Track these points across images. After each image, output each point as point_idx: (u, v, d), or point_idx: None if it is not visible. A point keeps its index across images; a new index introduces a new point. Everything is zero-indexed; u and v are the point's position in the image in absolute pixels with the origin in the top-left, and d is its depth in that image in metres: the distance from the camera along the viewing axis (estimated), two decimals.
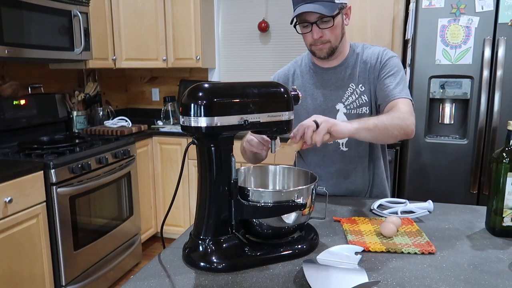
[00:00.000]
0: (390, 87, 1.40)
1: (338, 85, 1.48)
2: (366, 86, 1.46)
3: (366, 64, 1.47)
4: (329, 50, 1.41)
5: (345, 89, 1.47)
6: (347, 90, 1.47)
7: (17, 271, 1.99)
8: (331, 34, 1.38)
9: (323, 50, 1.41)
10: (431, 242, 1.08)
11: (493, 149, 2.28)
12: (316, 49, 1.42)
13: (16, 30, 2.24)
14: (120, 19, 3.13)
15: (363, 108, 1.47)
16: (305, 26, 1.38)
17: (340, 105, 1.48)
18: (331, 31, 1.37)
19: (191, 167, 3.13)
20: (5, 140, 2.52)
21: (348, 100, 1.47)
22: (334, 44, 1.41)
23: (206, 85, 0.93)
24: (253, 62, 3.54)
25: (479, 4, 2.24)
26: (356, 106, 1.47)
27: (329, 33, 1.37)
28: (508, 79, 2.24)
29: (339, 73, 1.48)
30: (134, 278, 0.92)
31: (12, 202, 1.93)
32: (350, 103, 1.47)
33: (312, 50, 1.44)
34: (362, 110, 1.47)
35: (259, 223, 1.00)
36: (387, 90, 1.40)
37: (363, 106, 1.47)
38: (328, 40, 1.38)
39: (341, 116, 1.47)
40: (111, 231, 2.62)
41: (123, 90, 3.91)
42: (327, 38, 1.38)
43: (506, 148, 1.10)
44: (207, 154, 0.95)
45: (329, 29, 1.36)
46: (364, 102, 1.47)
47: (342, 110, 1.48)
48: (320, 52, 1.42)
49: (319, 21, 1.34)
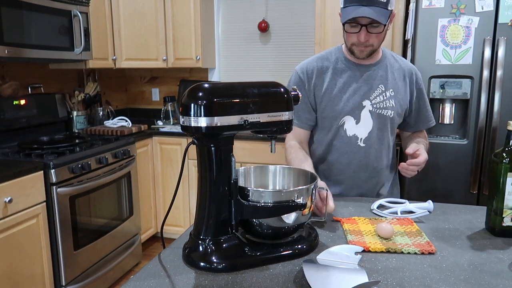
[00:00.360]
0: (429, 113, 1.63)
1: (369, 83, 1.51)
2: (398, 94, 1.52)
3: (400, 74, 1.54)
4: (370, 52, 1.45)
5: (374, 88, 1.50)
6: (376, 89, 1.50)
7: (17, 271, 1.99)
8: (376, 39, 1.41)
9: (364, 52, 1.44)
10: (431, 242, 1.08)
11: (493, 149, 2.28)
12: (358, 49, 1.44)
13: (16, 30, 2.24)
14: (120, 19, 3.13)
15: (388, 111, 1.51)
16: (353, 26, 1.38)
17: (367, 102, 1.50)
18: (377, 36, 1.40)
19: (191, 167, 3.13)
20: (5, 140, 2.52)
21: (375, 99, 1.50)
22: (376, 47, 1.44)
23: (206, 85, 0.93)
24: (253, 62, 3.53)
25: (479, 4, 2.24)
26: (382, 107, 1.51)
27: (375, 37, 1.40)
28: (508, 79, 2.24)
29: (372, 72, 1.51)
30: (134, 278, 0.92)
31: (12, 202, 1.93)
32: (377, 103, 1.50)
33: (353, 49, 1.45)
34: (387, 112, 1.51)
35: (259, 223, 1.00)
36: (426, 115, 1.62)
37: (388, 109, 1.51)
38: (372, 44, 1.41)
39: (366, 113, 1.50)
40: (111, 231, 2.62)
41: (123, 90, 3.91)
42: (372, 42, 1.41)
43: (506, 148, 1.10)
44: (207, 154, 0.95)
45: (376, 34, 1.39)
46: (390, 106, 1.51)
47: (368, 107, 1.50)
48: (360, 54, 1.45)
49: (370, 25, 1.36)
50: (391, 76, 1.52)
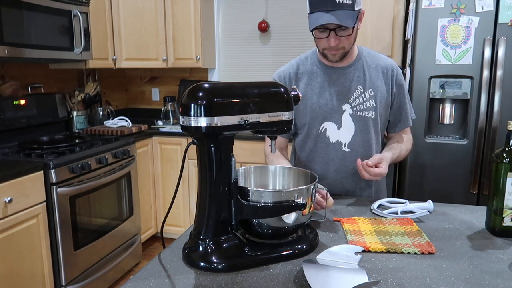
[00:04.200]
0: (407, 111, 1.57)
1: (346, 86, 1.49)
2: (378, 92, 1.49)
3: (378, 72, 1.50)
4: (342, 55, 1.43)
5: (352, 90, 1.49)
6: (354, 92, 1.49)
7: (17, 271, 1.99)
8: (346, 41, 1.39)
9: (336, 55, 1.43)
10: (431, 242, 1.08)
11: (493, 149, 2.28)
12: (330, 53, 1.43)
13: (16, 30, 2.24)
14: (120, 19, 3.13)
15: (369, 112, 1.49)
16: (322, 31, 1.38)
17: (347, 105, 1.49)
18: (347, 38, 1.38)
19: (191, 167, 3.13)
20: (5, 140, 2.52)
21: (354, 102, 1.49)
22: (347, 49, 1.43)
23: (206, 85, 0.93)
24: (253, 62, 3.54)
25: (479, 4, 2.24)
26: (362, 109, 1.49)
27: (346, 40, 1.39)
28: (508, 79, 2.24)
29: (348, 74, 1.49)
30: (134, 278, 0.92)
31: (12, 202, 1.93)
32: (357, 105, 1.48)
33: (325, 53, 1.44)
34: (368, 113, 1.49)
35: (259, 223, 1.00)
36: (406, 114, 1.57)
37: (369, 110, 1.49)
38: (343, 46, 1.40)
39: (347, 116, 1.49)
40: (111, 231, 2.62)
41: (123, 90, 3.91)
42: (343, 44, 1.40)
43: (506, 148, 1.10)
44: (207, 154, 0.95)
45: (346, 36, 1.37)
46: (371, 107, 1.49)
47: (348, 111, 1.49)
48: (333, 57, 1.44)
49: (338, 29, 1.35)
50: (369, 75, 1.49)
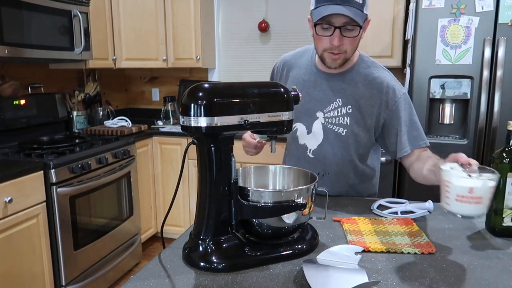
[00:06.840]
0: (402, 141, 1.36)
1: (327, 94, 1.39)
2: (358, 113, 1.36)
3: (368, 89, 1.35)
4: (342, 61, 1.31)
5: (331, 101, 1.39)
6: (332, 103, 1.39)
7: (17, 271, 1.99)
8: (350, 45, 1.27)
9: (336, 61, 1.31)
10: (431, 242, 1.08)
11: (493, 149, 2.28)
12: (330, 56, 1.30)
13: (16, 30, 2.24)
14: (120, 19, 3.13)
15: (340, 128, 1.38)
16: (326, 28, 1.24)
17: (320, 113, 1.41)
18: (351, 41, 1.26)
19: (191, 167, 3.13)
20: (5, 140, 2.52)
21: (328, 114, 1.39)
22: (348, 56, 1.31)
23: (206, 85, 0.93)
24: (253, 62, 3.54)
25: (479, 4, 2.24)
26: (334, 122, 1.39)
27: (349, 43, 1.26)
28: (508, 79, 2.24)
29: (333, 82, 1.39)
30: (134, 278, 0.92)
31: (12, 202, 1.93)
32: (330, 117, 1.39)
33: (324, 56, 1.31)
34: (339, 129, 1.39)
35: (259, 223, 1.00)
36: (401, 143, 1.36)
37: (341, 126, 1.38)
38: (345, 50, 1.28)
39: (318, 125, 1.41)
40: (111, 231, 2.62)
41: (123, 90, 3.91)
42: (345, 48, 1.27)
43: (506, 148, 1.10)
44: (207, 154, 0.95)
45: (350, 39, 1.25)
46: (343, 124, 1.38)
47: (320, 120, 1.40)
48: (333, 63, 1.31)
49: (344, 28, 1.22)
50: (354, 91, 1.36)
